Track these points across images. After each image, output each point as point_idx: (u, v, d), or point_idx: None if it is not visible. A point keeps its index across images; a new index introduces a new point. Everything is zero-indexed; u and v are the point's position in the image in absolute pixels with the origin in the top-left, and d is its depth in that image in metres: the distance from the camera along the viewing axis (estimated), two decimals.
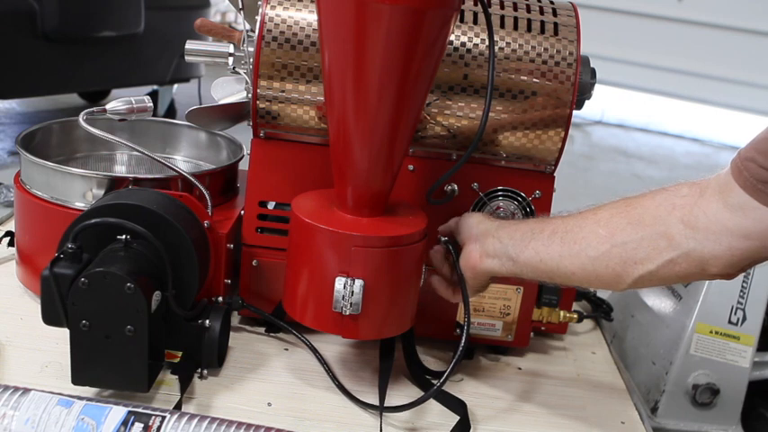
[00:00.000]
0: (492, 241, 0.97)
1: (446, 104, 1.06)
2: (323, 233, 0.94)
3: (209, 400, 0.98)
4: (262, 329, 1.17)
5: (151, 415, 0.81)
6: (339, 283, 0.93)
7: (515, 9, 1.08)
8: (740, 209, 0.78)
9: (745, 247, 0.79)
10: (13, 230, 1.24)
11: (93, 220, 0.93)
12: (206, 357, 1.01)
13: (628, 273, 0.86)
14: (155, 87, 3.62)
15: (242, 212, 1.14)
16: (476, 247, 0.98)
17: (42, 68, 2.96)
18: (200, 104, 1.19)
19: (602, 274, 0.88)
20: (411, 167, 1.10)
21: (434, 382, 1.07)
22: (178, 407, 0.93)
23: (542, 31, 1.07)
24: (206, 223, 1.06)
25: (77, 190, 1.10)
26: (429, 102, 1.05)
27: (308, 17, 1.04)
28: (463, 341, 0.97)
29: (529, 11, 1.08)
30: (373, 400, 1.01)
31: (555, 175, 1.12)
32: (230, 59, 1.13)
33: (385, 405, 1.00)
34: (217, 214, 1.13)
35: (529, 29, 1.06)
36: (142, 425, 0.79)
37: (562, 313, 1.20)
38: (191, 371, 1.00)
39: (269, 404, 1.00)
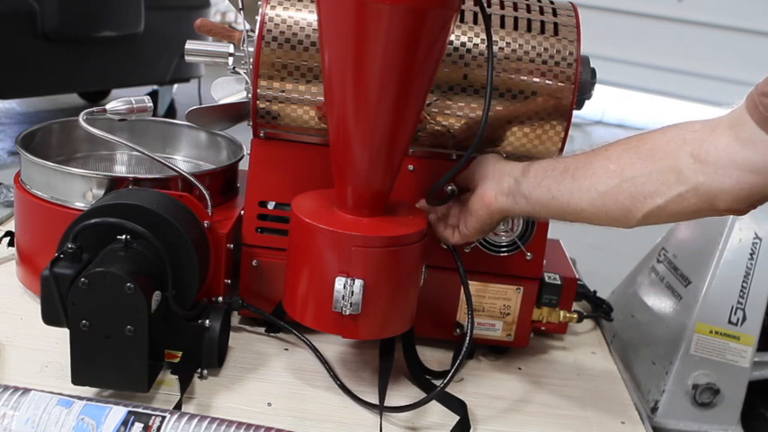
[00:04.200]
0: (507, 180, 0.97)
1: (446, 104, 1.06)
2: (323, 233, 0.94)
3: (209, 400, 0.98)
4: (262, 329, 1.17)
5: (151, 415, 0.81)
6: (339, 283, 0.93)
7: (515, 9, 1.07)
8: (751, 142, 0.77)
9: (753, 182, 0.78)
10: (13, 230, 1.24)
11: (93, 220, 0.92)
12: (206, 357, 1.01)
13: (637, 207, 0.85)
14: (155, 87, 3.63)
15: (242, 212, 1.14)
16: (491, 186, 0.98)
17: (42, 68, 2.96)
18: (200, 104, 1.19)
19: (612, 209, 0.88)
20: (411, 167, 1.10)
21: (435, 382, 1.07)
22: (178, 407, 0.93)
23: (542, 31, 1.07)
24: (206, 223, 1.06)
25: (77, 190, 1.10)
26: (429, 102, 1.05)
27: (308, 17, 1.04)
28: (467, 343, 0.97)
29: (529, 11, 1.08)
30: (373, 400, 1.01)
31: None
32: (230, 59, 1.13)
33: (386, 405, 1.00)
34: (217, 214, 1.13)
35: (529, 29, 1.06)
36: (142, 425, 0.79)
37: (562, 313, 1.19)
38: (191, 371, 1.00)
39: (269, 404, 0.99)
